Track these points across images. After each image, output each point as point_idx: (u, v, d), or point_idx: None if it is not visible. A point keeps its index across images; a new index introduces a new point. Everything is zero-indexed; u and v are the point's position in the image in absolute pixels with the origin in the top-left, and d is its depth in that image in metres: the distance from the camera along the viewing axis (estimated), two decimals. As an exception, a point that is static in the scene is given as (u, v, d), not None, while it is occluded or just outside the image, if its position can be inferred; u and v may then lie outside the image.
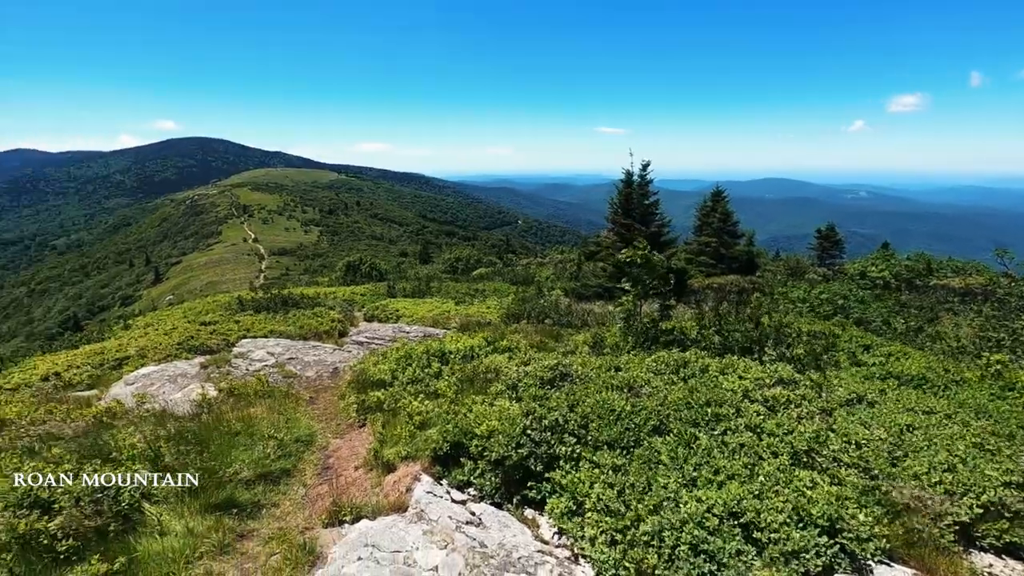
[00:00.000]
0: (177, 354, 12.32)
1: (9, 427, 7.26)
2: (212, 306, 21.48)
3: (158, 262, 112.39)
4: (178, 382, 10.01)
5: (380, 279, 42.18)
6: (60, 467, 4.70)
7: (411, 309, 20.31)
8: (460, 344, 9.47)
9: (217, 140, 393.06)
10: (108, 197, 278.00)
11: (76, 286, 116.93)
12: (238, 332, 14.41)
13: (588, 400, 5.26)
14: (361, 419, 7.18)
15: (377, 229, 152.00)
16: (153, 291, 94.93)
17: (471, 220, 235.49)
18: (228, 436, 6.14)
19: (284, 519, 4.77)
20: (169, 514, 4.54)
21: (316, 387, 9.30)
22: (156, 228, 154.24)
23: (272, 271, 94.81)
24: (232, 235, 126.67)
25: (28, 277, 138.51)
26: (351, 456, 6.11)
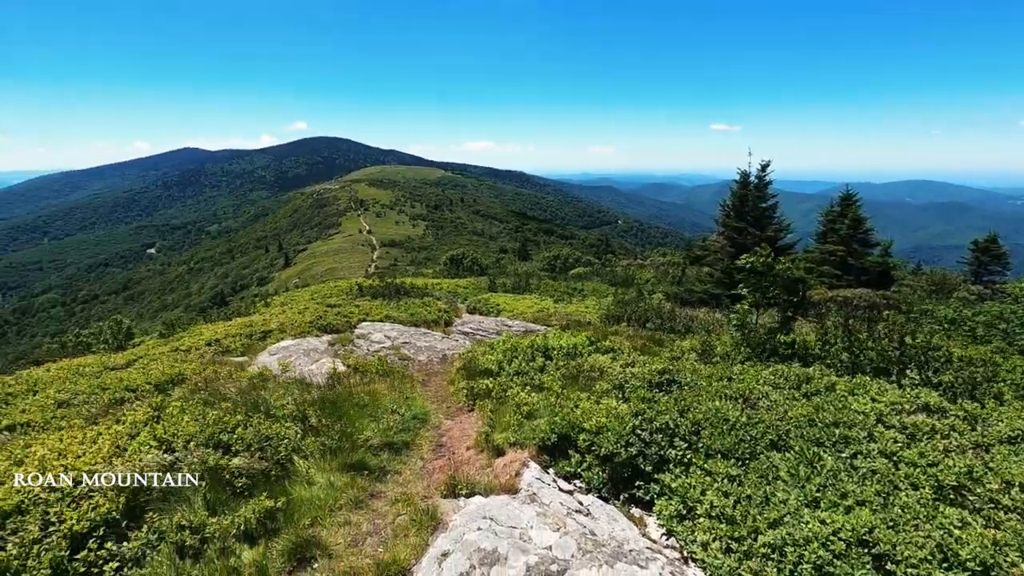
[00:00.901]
0: (309, 331, 13.87)
1: (188, 380, 8.75)
2: (335, 291, 23.79)
3: (288, 248, 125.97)
4: (311, 355, 11.32)
5: (481, 273, 43.75)
6: (233, 417, 5.63)
7: (511, 304, 20.90)
8: (563, 342, 9.66)
9: (341, 139, 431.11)
10: (251, 190, 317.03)
11: (224, 266, 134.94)
12: (358, 315, 15.87)
13: (700, 407, 5.17)
14: (470, 404, 7.65)
15: (478, 225, 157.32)
16: (283, 274, 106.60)
17: (570, 219, 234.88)
18: (358, 407, 6.89)
19: (406, 486, 5.29)
20: (314, 468, 5.24)
21: (428, 371, 10.02)
22: (288, 218, 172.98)
23: (382, 261, 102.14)
24: (350, 226, 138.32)
25: (188, 257, 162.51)
26: (462, 437, 6.56)
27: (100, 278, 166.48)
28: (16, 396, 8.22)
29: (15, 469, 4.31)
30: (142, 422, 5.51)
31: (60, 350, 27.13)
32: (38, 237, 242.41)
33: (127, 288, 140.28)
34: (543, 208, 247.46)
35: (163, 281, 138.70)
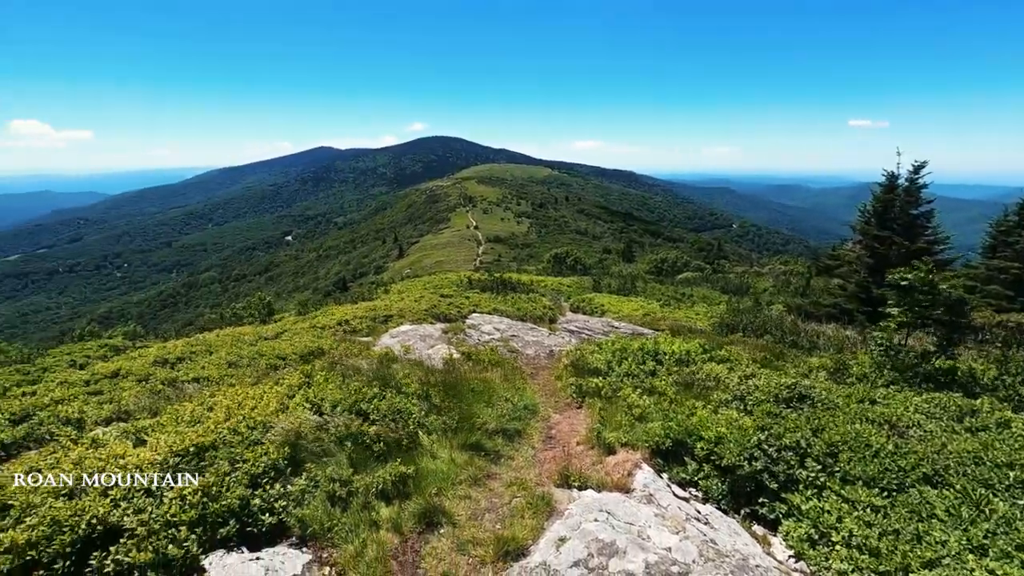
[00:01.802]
0: (425, 318, 14.87)
1: (326, 354, 9.83)
2: (446, 282, 25.17)
3: (402, 241, 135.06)
4: (427, 341, 12.13)
5: (583, 273, 43.52)
6: (370, 389, 6.27)
7: (616, 306, 20.59)
8: (675, 347, 9.37)
9: (455, 139, 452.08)
10: (373, 186, 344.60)
11: (347, 255, 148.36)
12: (468, 306, 16.67)
13: (837, 428, 4.77)
14: (578, 401, 7.73)
15: (582, 224, 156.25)
16: (397, 264, 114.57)
17: (679, 220, 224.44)
18: (473, 392, 7.29)
19: (519, 471, 5.52)
20: (437, 443, 5.67)
21: (535, 365, 10.27)
22: (403, 212, 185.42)
23: (487, 256, 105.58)
24: (458, 222, 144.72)
25: (318, 245, 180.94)
26: (571, 432, 6.67)
27: (248, 260, 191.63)
28: (197, 355, 9.85)
29: (208, 413, 5.21)
30: (296, 386, 6.35)
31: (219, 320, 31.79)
32: (204, 223, 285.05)
33: (268, 270, 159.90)
34: (650, 209, 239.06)
35: (297, 265, 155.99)
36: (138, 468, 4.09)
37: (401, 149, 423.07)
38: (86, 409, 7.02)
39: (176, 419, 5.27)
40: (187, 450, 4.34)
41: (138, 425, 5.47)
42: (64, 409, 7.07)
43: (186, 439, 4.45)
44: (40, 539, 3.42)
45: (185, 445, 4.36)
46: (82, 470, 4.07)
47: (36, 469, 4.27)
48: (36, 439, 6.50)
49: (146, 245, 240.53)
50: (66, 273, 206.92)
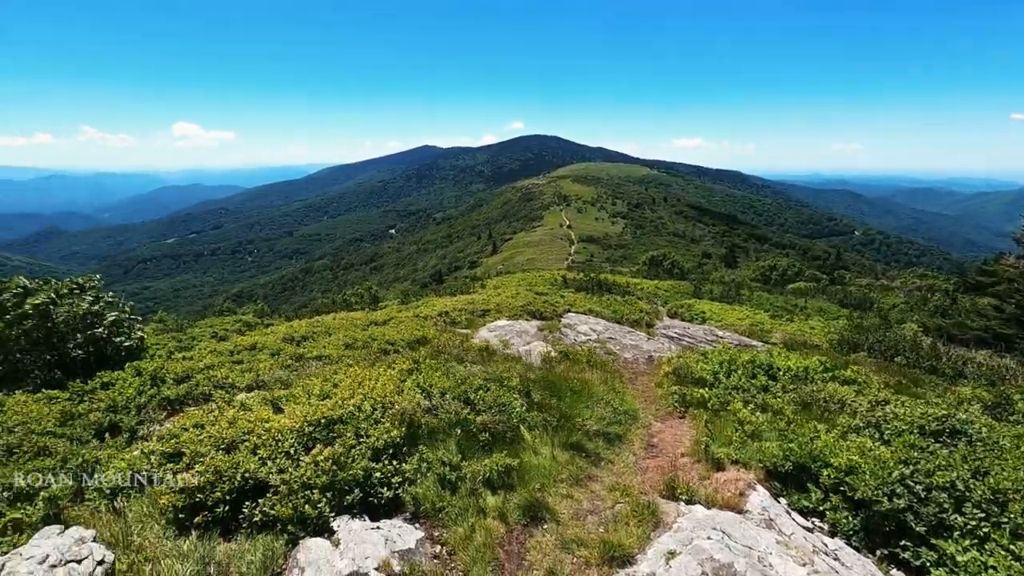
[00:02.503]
0: (520, 315, 15.08)
1: (430, 342, 10.32)
2: (540, 280, 25.36)
3: (496, 237, 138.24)
4: (523, 337, 12.30)
5: (681, 277, 41.61)
6: (475, 379, 6.49)
7: (719, 314, 19.43)
8: (791, 363, 8.64)
9: (552, 137, 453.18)
10: (471, 183, 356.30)
11: (444, 249, 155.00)
12: (563, 305, 16.64)
13: (1006, 474, 4.11)
14: (681, 410, 7.41)
15: (680, 226, 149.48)
16: (490, 260, 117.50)
17: (791, 225, 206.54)
18: (572, 392, 7.27)
19: (620, 476, 5.41)
20: (538, 440, 5.73)
21: (633, 369, 10.01)
22: (498, 210, 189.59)
23: (579, 256, 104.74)
24: (551, 220, 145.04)
25: (418, 239, 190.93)
26: (674, 442, 6.41)
27: (356, 250, 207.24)
28: (318, 335, 10.83)
29: (334, 389, 5.71)
30: (407, 371, 6.74)
31: (331, 304, 34.74)
32: (321, 215, 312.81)
33: (373, 260, 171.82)
34: (758, 212, 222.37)
35: (398, 257, 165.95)
36: (280, 432, 4.58)
37: (499, 148, 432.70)
38: (231, 376, 8.01)
39: (307, 392, 5.83)
40: (319, 421, 4.78)
41: (275, 394, 6.13)
42: (215, 374, 8.13)
43: (318, 411, 4.91)
44: (206, 484, 3.96)
45: (317, 416, 4.82)
46: (236, 429, 4.65)
47: (200, 424, 4.95)
48: (194, 398, 7.54)
49: (272, 234, 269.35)
50: (209, 256, 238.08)
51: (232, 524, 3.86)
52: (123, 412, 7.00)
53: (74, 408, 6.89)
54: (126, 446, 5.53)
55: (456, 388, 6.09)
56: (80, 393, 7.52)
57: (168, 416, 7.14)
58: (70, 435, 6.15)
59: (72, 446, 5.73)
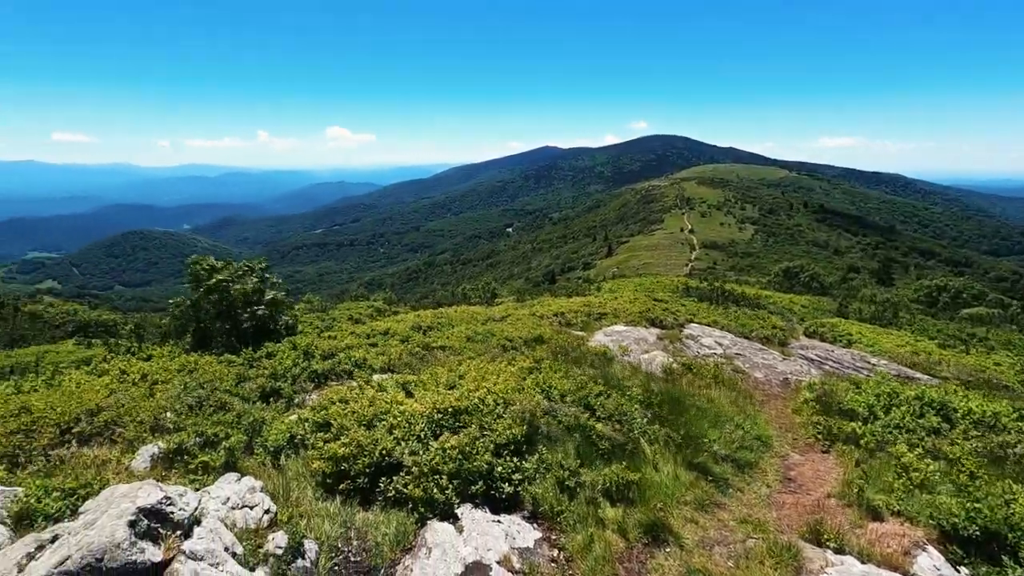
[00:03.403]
0: (638, 321, 14.56)
1: (547, 342, 10.38)
2: (659, 286, 24.31)
3: (612, 240, 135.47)
4: (641, 344, 11.85)
5: (821, 292, 37.22)
6: (595, 385, 6.37)
7: (870, 337, 17.00)
8: (973, 404, 7.24)
9: (678, 137, 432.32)
10: (589, 184, 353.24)
11: (558, 249, 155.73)
12: (685, 315, 15.75)
13: None
14: (825, 444, 6.59)
15: (822, 235, 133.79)
16: (604, 262, 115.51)
17: (968, 239, 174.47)
18: (697, 409, 6.82)
19: (751, 508, 4.95)
20: (659, 456, 5.45)
21: (766, 391, 9.13)
22: (616, 212, 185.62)
23: (699, 262, 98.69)
24: (672, 224, 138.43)
25: (533, 238, 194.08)
26: (815, 479, 5.71)
27: (474, 247, 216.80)
28: (443, 326, 11.46)
29: (459, 380, 5.97)
30: (527, 369, 6.83)
31: (450, 296, 36.72)
32: (444, 212, 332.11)
33: (490, 257, 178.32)
34: (923, 222, 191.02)
35: (514, 255, 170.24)
36: (412, 416, 4.89)
37: (620, 148, 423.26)
38: (368, 357, 8.79)
39: (435, 380, 6.17)
40: (447, 410, 5.03)
41: (406, 379, 6.58)
42: (353, 354, 8.97)
43: (446, 400, 5.16)
44: (349, 455, 4.36)
45: (445, 405, 5.06)
46: (375, 408, 5.06)
47: (344, 400, 5.47)
48: (337, 374, 8.40)
49: (401, 228, 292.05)
50: (348, 246, 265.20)
51: (370, 496, 4.21)
52: (281, 380, 8.01)
53: (246, 372, 8.04)
54: (285, 411, 6.31)
55: (576, 392, 6.03)
56: (249, 360, 8.76)
57: (315, 388, 8.02)
58: (242, 395, 7.17)
59: (244, 405, 6.68)
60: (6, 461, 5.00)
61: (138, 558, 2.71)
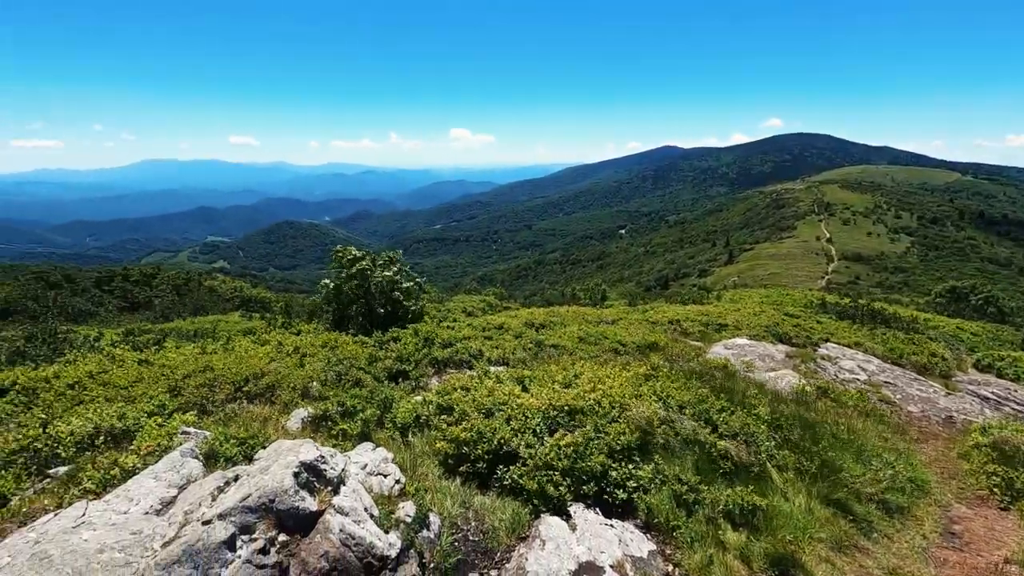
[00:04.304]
0: (764, 336, 13.42)
1: (661, 350, 10.00)
2: (789, 299, 22.12)
3: (734, 246, 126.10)
4: (766, 361, 10.92)
5: (1000, 319, 31.21)
6: (716, 400, 6.01)
7: (1070, 378, 13.87)
8: None
9: (817, 135, 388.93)
10: (711, 186, 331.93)
11: (672, 253, 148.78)
12: (820, 333, 14.18)
13: None
14: (1002, 499, 5.55)
15: (1003, 251, 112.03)
16: (723, 270, 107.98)
17: None
18: (835, 439, 6.12)
19: (902, 560, 4.34)
20: (790, 485, 4.99)
21: (921, 428, 7.91)
22: (740, 216, 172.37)
23: (838, 276, 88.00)
24: (805, 232, 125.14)
25: (646, 241, 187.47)
26: (989, 539, 4.83)
27: (585, 248, 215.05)
28: (554, 325, 11.57)
29: (575, 380, 5.99)
30: (642, 376, 6.64)
31: (559, 296, 36.88)
32: (557, 212, 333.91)
33: (600, 258, 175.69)
34: None
35: (625, 258, 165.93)
36: (528, 410, 5.02)
37: (749, 148, 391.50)
38: (483, 349, 9.17)
39: (549, 378, 6.26)
40: (562, 408, 5.08)
41: (521, 373, 6.76)
42: (470, 345, 9.42)
43: (561, 398, 5.22)
44: (470, 440, 4.60)
45: (561, 403, 5.12)
46: (493, 399, 5.27)
47: (465, 388, 5.78)
48: (455, 362, 8.88)
49: (514, 226, 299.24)
50: (464, 242, 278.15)
51: (487, 481, 4.41)
52: (406, 363, 8.66)
53: (376, 353, 8.83)
54: (411, 392, 6.83)
55: (696, 405, 5.74)
56: (380, 343, 9.61)
57: (435, 373, 8.57)
58: (373, 374, 7.90)
59: (375, 383, 7.36)
60: (196, 408, 6.03)
61: (299, 505, 3.13)
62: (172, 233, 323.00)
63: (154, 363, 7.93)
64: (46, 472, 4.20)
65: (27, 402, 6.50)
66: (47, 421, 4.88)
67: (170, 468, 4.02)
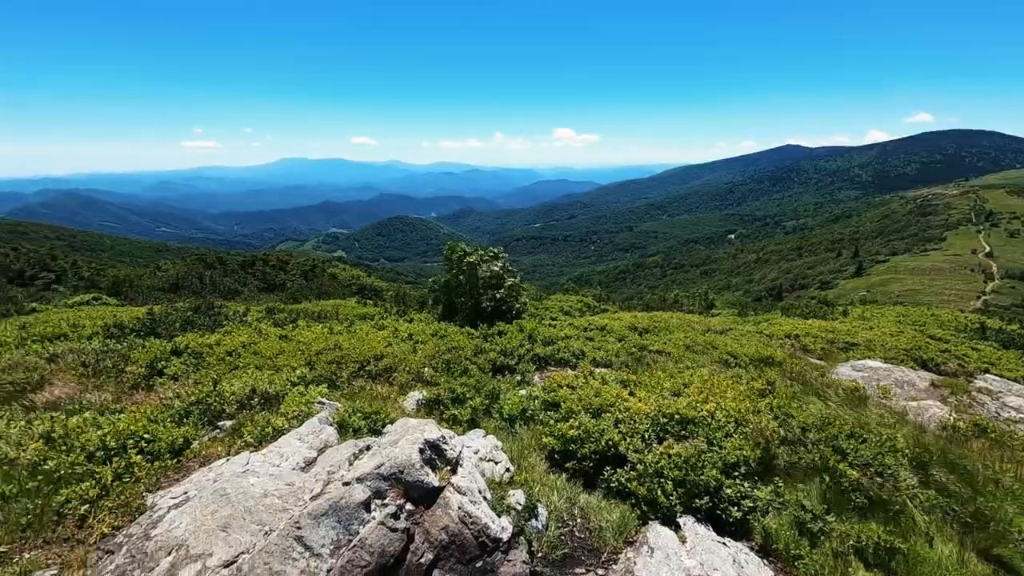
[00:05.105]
0: (902, 359, 11.88)
1: (779, 366, 9.28)
2: (933, 320, 19.30)
3: (864, 257, 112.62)
4: (905, 389, 9.67)
5: None
6: (843, 425, 5.46)
7: None
8: None
9: (980, 132, 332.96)
10: (840, 189, 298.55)
11: (789, 262, 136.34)
12: (976, 362, 12.23)
13: None
14: None
15: None
16: (849, 283, 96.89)
17: None
18: (995, 485, 5.27)
19: (1087, 638, 3.64)
20: (936, 530, 4.40)
21: (1117, 487, 6.52)
22: (874, 224, 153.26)
23: (999, 297, 75.00)
24: (957, 243, 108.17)
25: (759, 247, 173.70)
26: None
27: (688, 252, 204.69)
28: (659, 330, 11.21)
29: (684, 388, 5.78)
30: (758, 391, 6.23)
31: (659, 301, 35.49)
32: (660, 214, 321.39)
33: (705, 264, 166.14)
34: None
35: (733, 264, 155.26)
36: (636, 415, 4.95)
37: (890, 147, 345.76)
38: (585, 349, 9.17)
39: (656, 383, 6.10)
40: (672, 416, 4.94)
41: (626, 376, 6.66)
42: (571, 344, 9.46)
43: (672, 406, 5.07)
44: (577, 438, 4.65)
45: (671, 411, 4.98)
46: (600, 400, 5.26)
47: (571, 386, 5.82)
48: (556, 360, 8.98)
49: (614, 227, 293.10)
50: (562, 241, 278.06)
51: (593, 481, 4.42)
52: (509, 357, 8.92)
53: (482, 345, 9.19)
54: (516, 386, 7.04)
55: (822, 428, 5.27)
56: (485, 335, 9.98)
57: (537, 369, 8.72)
58: (478, 364, 8.23)
59: (480, 374, 7.67)
60: (327, 382, 6.72)
61: (424, 479, 3.39)
62: (301, 224, 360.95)
63: (291, 339, 8.96)
64: (216, 424, 4.96)
65: (196, 363, 7.68)
66: (216, 380, 5.74)
67: (311, 432, 4.55)
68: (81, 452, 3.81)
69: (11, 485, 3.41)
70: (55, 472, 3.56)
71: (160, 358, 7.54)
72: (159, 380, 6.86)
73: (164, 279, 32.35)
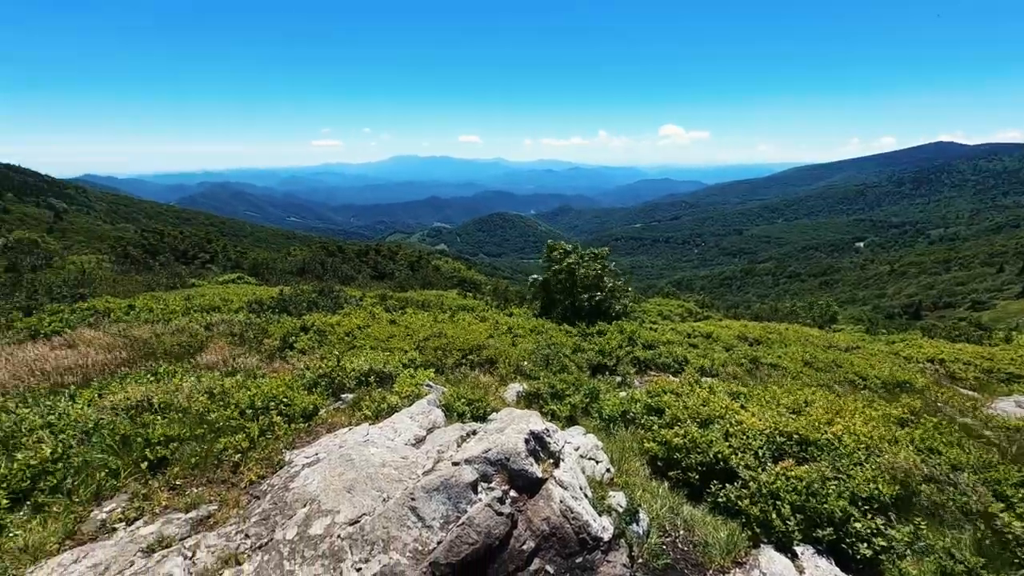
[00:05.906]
0: (1088, 400, 9.84)
1: (919, 393, 8.15)
2: None
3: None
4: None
5: None
6: (1008, 471, 4.66)
7: None
8: None
9: None
10: (1005, 194, 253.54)
11: (932, 277, 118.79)
12: None
13: None
14: None
15: None
16: (1012, 304, 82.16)
17: None
18: None
19: None
20: None
21: None
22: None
23: None
24: None
25: (894, 258, 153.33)
26: None
27: (806, 259, 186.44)
28: (772, 343, 10.36)
29: (804, 407, 5.29)
30: (897, 419, 5.52)
31: (770, 312, 32.77)
32: (775, 217, 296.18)
33: (825, 274, 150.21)
34: None
35: (860, 276, 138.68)
36: (749, 430, 4.62)
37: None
38: (688, 357, 8.74)
39: (772, 399, 5.65)
40: (791, 435, 4.55)
41: (736, 388, 6.25)
42: (673, 350, 9.07)
43: (790, 424, 4.67)
44: (682, 447, 4.46)
45: (790, 430, 4.59)
46: (709, 410, 5.00)
47: (676, 393, 5.59)
48: (657, 365, 8.67)
49: (721, 230, 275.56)
50: (663, 243, 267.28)
51: (698, 493, 4.22)
52: (608, 358, 8.77)
53: (580, 343, 9.14)
54: (616, 387, 6.91)
55: (979, 470, 4.54)
56: (583, 334, 9.92)
57: (637, 373, 8.49)
58: (577, 363, 8.20)
59: (579, 372, 7.63)
60: (433, 367, 7.09)
61: (528, 468, 3.46)
62: (409, 217, 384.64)
63: (400, 324, 9.57)
64: (339, 395, 5.46)
65: (319, 340, 8.50)
66: (339, 357, 6.31)
67: (420, 412, 4.83)
68: (235, 408, 4.40)
69: (185, 429, 4.04)
70: (216, 423, 4.15)
71: (291, 333, 8.46)
72: (290, 352, 7.71)
73: (293, 263, 36.22)
